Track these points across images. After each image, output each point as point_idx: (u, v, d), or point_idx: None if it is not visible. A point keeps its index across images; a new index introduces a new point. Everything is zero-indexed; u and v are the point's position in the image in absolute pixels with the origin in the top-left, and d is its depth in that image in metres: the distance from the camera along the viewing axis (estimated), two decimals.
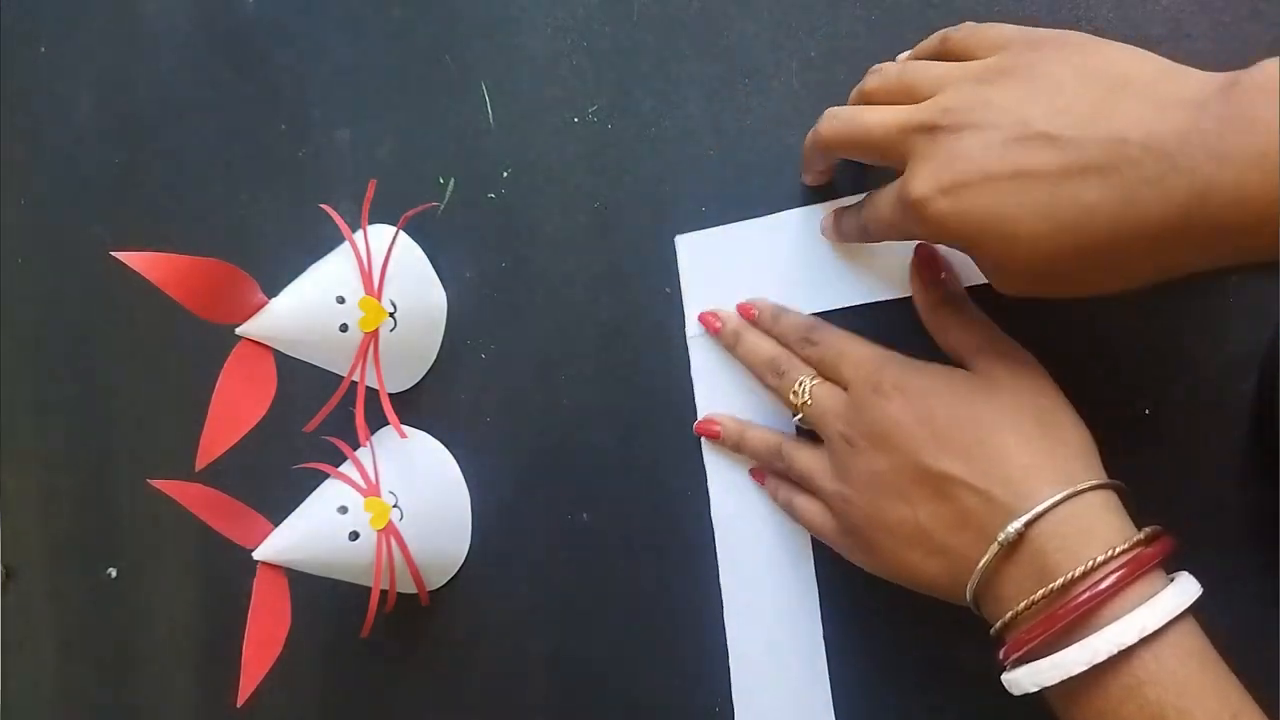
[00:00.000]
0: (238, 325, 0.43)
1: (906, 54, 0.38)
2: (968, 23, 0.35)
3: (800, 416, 0.39)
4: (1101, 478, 0.32)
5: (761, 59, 0.44)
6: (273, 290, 0.44)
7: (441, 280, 0.52)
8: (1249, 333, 0.36)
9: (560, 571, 0.49)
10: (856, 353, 0.37)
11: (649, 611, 0.47)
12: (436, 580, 0.51)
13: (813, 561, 0.43)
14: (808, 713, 0.43)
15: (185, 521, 0.45)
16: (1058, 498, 0.30)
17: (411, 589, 0.49)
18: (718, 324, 0.44)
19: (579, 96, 0.48)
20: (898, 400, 0.34)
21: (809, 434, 0.40)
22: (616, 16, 0.47)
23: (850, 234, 0.39)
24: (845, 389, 0.37)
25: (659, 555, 0.46)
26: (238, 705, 0.41)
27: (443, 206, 0.51)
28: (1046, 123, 0.28)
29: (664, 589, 0.46)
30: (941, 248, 0.38)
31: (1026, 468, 0.31)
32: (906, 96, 0.33)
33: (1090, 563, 0.29)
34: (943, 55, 0.35)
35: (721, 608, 0.45)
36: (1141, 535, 0.30)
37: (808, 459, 0.39)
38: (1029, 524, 0.31)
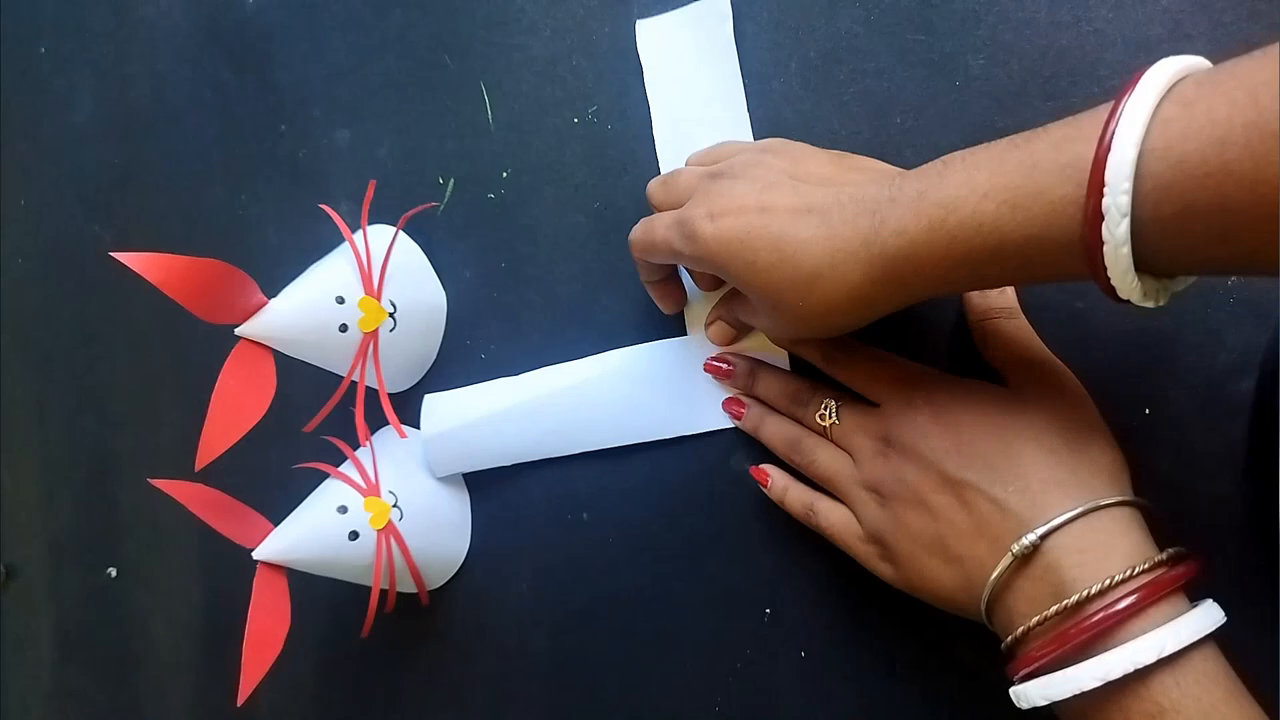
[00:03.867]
0: (237, 325, 0.43)
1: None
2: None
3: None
4: (1127, 496, 0.31)
5: (761, 59, 0.44)
6: (272, 290, 0.44)
7: (441, 280, 0.52)
8: (1249, 333, 0.36)
9: (560, 571, 0.49)
10: (887, 369, 0.38)
11: (649, 611, 0.47)
12: (436, 580, 0.51)
13: None
14: None
15: (185, 521, 0.45)
16: (1076, 512, 0.30)
17: (411, 589, 0.49)
18: (728, 368, 0.44)
19: (579, 97, 0.48)
20: (927, 411, 0.35)
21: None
22: (616, 16, 0.47)
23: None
24: (877, 404, 0.38)
25: (659, 555, 0.46)
26: (238, 705, 0.41)
27: (443, 206, 0.51)
28: (795, 174, 0.35)
29: (664, 589, 0.46)
30: None
31: (1046, 481, 0.31)
32: (676, 201, 0.39)
33: (1108, 580, 0.29)
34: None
35: (721, 607, 0.45)
36: (1164, 556, 0.30)
37: (832, 459, 0.38)
38: (1044, 537, 0.30)
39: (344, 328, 0.45)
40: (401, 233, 0.49)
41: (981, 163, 0.29)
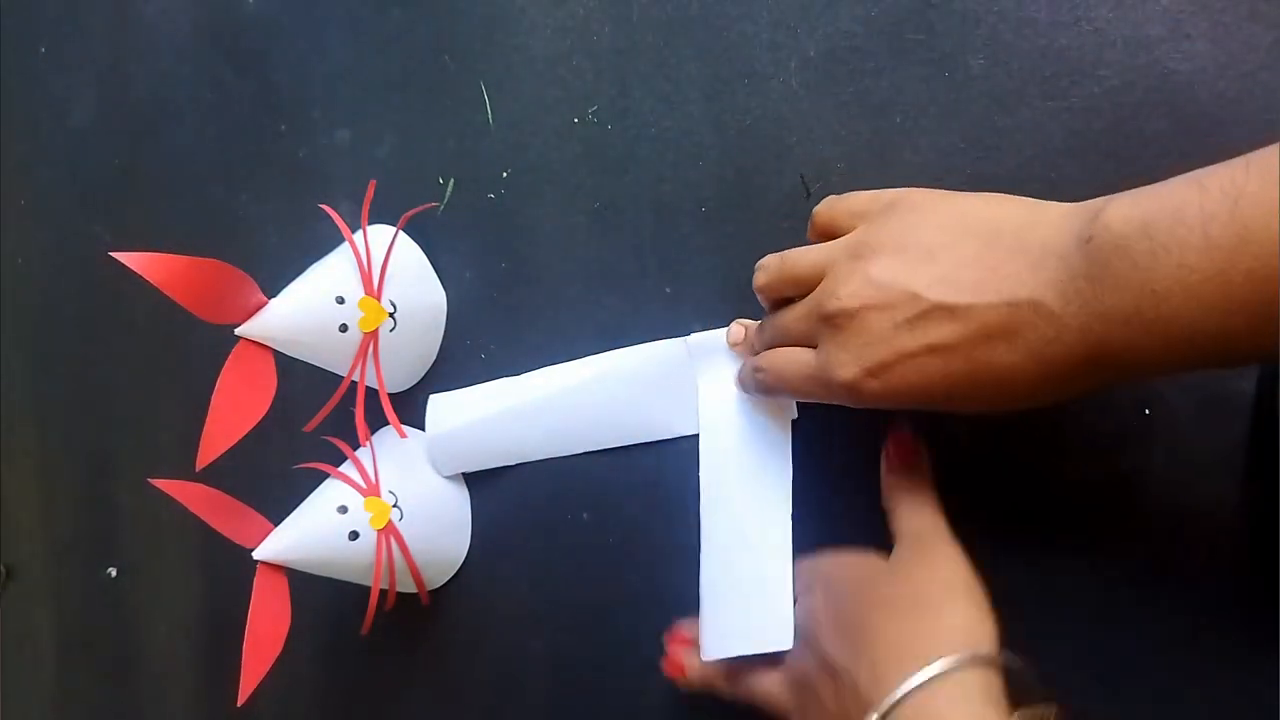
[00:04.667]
0: (237, 325, 0.43)
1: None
2: (825, 198, 0.37)
3: None
4: (977, 653, 0.30)
5: (761, 59, 0.44)
6: (272, 290, 0.44)
7: (441, 280, 0.52)
8: None
9: (560, 571, 0.49)
10: (800, 563, 0.38)
11: (649, 611, 0.47)
12: (436, 580, 0.51)
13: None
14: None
15: (185, 521, 0.45)
16: (908, 688, 0.29)
17: (411, 589, 0.49)
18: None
19: (579, 97, 0.48)
20: (820, 596, 0.36)
21: None
22: (616, 16, 0.47)
23: (750, 388, 0.39)
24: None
25: (659, 555, 0.46)
26: (238, 705, 0.41)
27: (443, 206, 0.51)
28: (937, 295, 0.30)
29: (664, 589, 0.46)
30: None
31: (889, 650, 0.31)
32: (795, 287, 0.35)
33: None
34: (813, 238, 0.37)
35: None
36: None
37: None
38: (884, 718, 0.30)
39: (344, 328, 0.45)
40: (401, 233, 0.49)
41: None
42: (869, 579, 0.34)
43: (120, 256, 0.40)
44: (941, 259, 0.30)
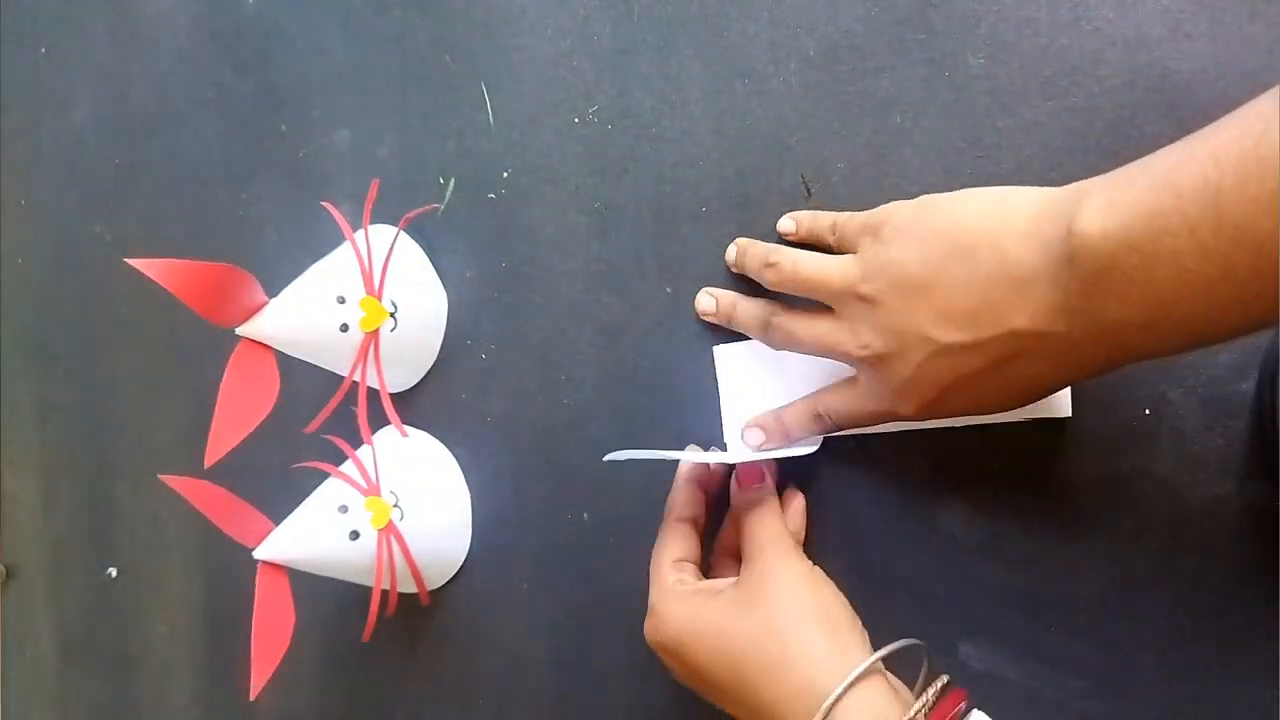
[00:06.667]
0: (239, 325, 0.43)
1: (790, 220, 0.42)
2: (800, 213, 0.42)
3: None
4: (863, 662, 0.32)
5: (761, 59, 0.44)
6: (273, 290, 0.44)
7: (441, 280, 0.52)
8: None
9: (560, 571, 0.49)
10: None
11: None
12: (436, 580, 0.51)
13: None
14: None
15: (186, 521, 0.45)
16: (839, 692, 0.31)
17: (412, 588, 0.49)
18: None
19: (579, 97, 0.48)
20: (676, 663, 0.39)
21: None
22: (616, 16, 0.47)
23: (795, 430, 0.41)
24: None
25: None
26: (251, 699, 0.41)
27: (443, 206, 0.51)
28: (944, 334, 0.32)
29: None
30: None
31: (764, 709, 0.33)
32: (797, 289, 0.39)
33: None
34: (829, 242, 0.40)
35: None
36: (920, 706, 0.31)
37: None
38: None
39: (345, 327, 0.45)
40: (402, 233, 0.49)
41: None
42: (719, 637, 0.36)
43: (135, 264, 0.39)
44: (934, 294, 0.32)
